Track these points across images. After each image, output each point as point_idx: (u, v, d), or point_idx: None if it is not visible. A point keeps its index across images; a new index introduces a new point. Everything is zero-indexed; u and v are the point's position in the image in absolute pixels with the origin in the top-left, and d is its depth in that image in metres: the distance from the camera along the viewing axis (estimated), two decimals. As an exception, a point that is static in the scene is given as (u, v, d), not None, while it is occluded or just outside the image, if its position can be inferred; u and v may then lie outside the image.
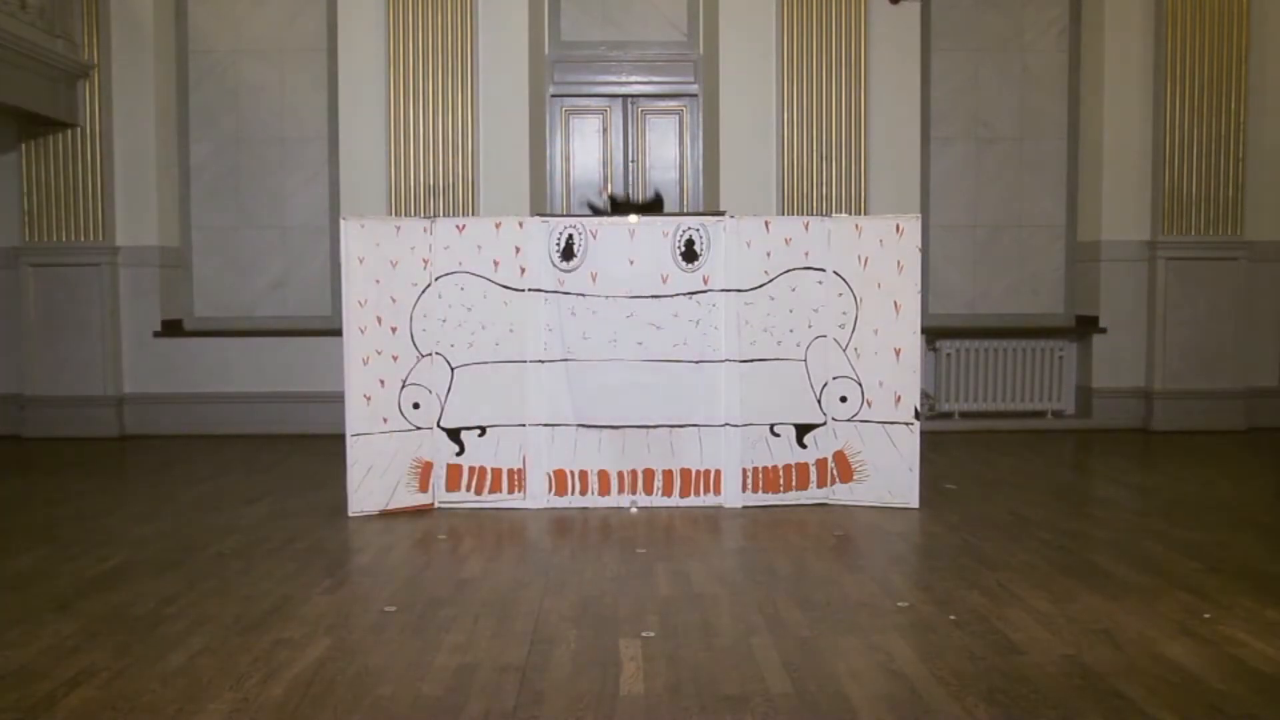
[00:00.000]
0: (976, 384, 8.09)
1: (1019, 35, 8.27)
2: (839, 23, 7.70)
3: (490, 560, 4.43)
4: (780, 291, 5.33)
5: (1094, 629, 3.44)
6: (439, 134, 7.65)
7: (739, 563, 4.39)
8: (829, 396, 5.36)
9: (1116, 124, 7.96)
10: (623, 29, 8.08)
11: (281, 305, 8.19)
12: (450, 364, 5.33)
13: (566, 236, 5.34)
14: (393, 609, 3.71)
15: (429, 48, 7.61)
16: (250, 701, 2.89)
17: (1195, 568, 4.16)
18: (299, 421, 7.78)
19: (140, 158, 7.81)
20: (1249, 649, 3.24)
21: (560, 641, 3.38)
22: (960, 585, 3.95)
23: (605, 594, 3.91)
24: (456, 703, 2.89)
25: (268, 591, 3.93)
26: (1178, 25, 7.77)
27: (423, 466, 5.31)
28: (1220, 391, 7.93)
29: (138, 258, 7.83)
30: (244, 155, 8.14)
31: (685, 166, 8.22)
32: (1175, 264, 7.89)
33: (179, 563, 4.33)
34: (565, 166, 8.16)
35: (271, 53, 8.13)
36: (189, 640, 3.38)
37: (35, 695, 2.93)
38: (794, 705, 2.86)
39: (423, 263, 5.29)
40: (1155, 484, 6.02)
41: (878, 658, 3.20)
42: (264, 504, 5.50)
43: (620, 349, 5.35)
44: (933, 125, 8.21)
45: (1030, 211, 8.35)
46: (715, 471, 5.37)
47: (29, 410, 7.75)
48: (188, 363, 7.92)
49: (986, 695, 2.91)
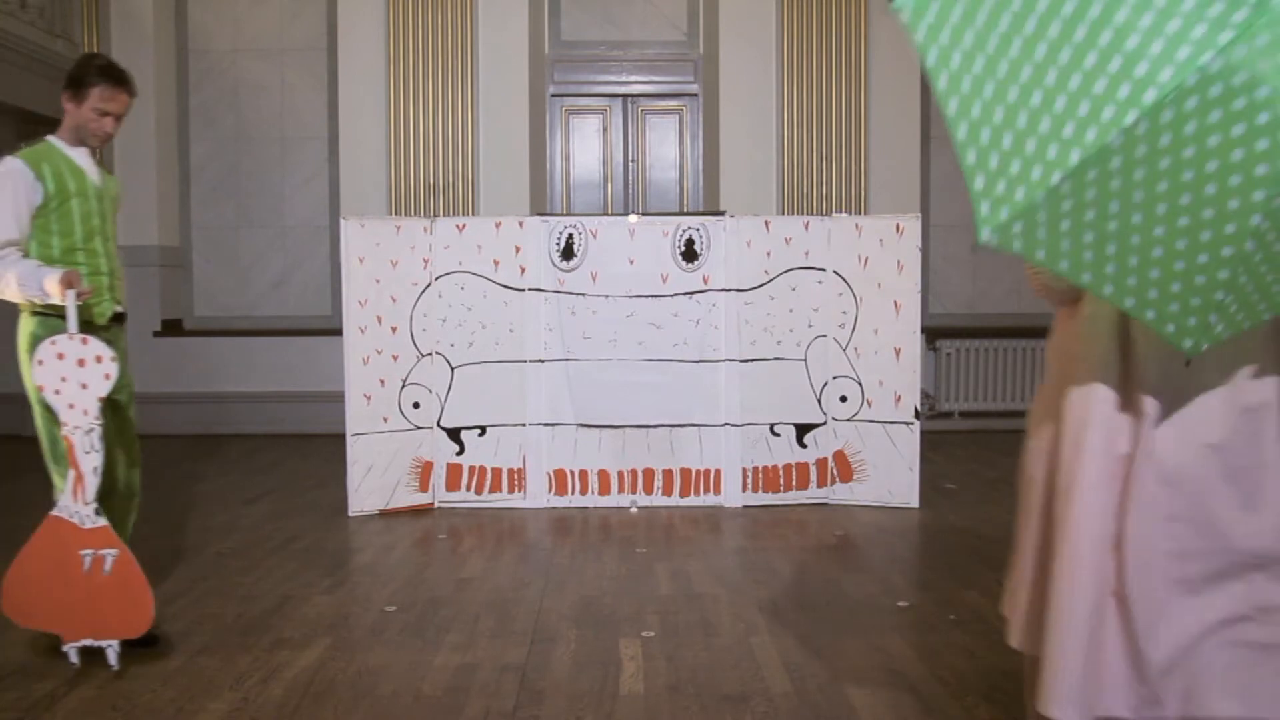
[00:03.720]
0: (976, 384, 8.09)
1: (1019, 35, 8.27)
2: (839, 23, 7.70)
3: (490, 560, 4.43)
4: (780, 291, 5.33)
5: (1094, 629, 3.44)
6: (439, 134, 7.65)
7: (739, 563, 4.40)
8: (829, 396, 5.36)
9: (1116, 124, 7.95)
10: (623, 29, 8.08)
11: (281, 305, 8.19)
12: (450, 364, 5.33)
13: (566, 236, 5.34)
14: (393, 609, 3.72)
15: (429, 48, 7.61)
16: (250, 701, 2.89)
17: (1195, 568, 4.16)
18: (299, 421, 7.78)
19: (140, 158, 7.80)
20: (1249, 649, 3.24)
21: (560, 641, 3.38)
22: (960, 585, 3.95)
23: (605, 594, 3.91)
24: (456, 703, 2.89)
25: (268, 591, 3.93)
26: (1178, 25, 7.76)
27: (423, 466, 5.31)
28: (1220, 391, 7.93)
29: (138, 257, 7.82)
30: (244, 155, 8.14)
31: (685, 166, 8.22)
32: (1175, 264, 7.88)
33: (179, 563, 4.34)
34: (565, 166, 8.16)
35: (271, 52, 8.13)
36: (189, 640, 3.38)
37: (35, 695, 2.93)
38: (794, 705, 2.86)
39: (423, 262, 5.29)
40: (1155, 484, 6.01)
41: (878, 658, 3.20)
42: (264, 504, 5.50)
43: (620, 349, 5.35)
44: (933, 125, 8.21)
45: (1030, 211, 8.34)
46: (715, 471, 5.37)
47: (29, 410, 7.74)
48: (188, 363, 7.92)
49: (986, 694, 2.91)
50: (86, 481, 3.11)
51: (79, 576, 3.09)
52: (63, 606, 3.09)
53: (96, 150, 3.42)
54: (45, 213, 3.24)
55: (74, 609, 3.08)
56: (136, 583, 3.11)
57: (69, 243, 3.29)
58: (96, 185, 3.39)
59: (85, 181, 3.34)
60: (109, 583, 3.09)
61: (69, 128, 3.34)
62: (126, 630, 3.11)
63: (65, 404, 3.11)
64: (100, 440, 3.14)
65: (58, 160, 3.29)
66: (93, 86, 3.28)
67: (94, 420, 3.12)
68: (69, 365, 3.10)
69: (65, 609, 3.09)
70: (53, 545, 3.11)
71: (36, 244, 3.25)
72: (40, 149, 3.30)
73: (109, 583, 3.09)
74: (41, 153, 3.29)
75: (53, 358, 3.10)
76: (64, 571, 3.09)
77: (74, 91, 3.29)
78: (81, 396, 3.11)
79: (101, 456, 3.14)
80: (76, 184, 3.30)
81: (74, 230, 3.30)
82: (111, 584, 3.09)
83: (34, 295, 3.15)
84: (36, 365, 3.09)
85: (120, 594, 3.09)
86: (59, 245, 3.27)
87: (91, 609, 3.08)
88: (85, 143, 3.36)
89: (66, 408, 3.12)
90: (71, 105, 3.31)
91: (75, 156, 3.34)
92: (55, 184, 3.25)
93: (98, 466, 3.13)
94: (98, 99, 3.29)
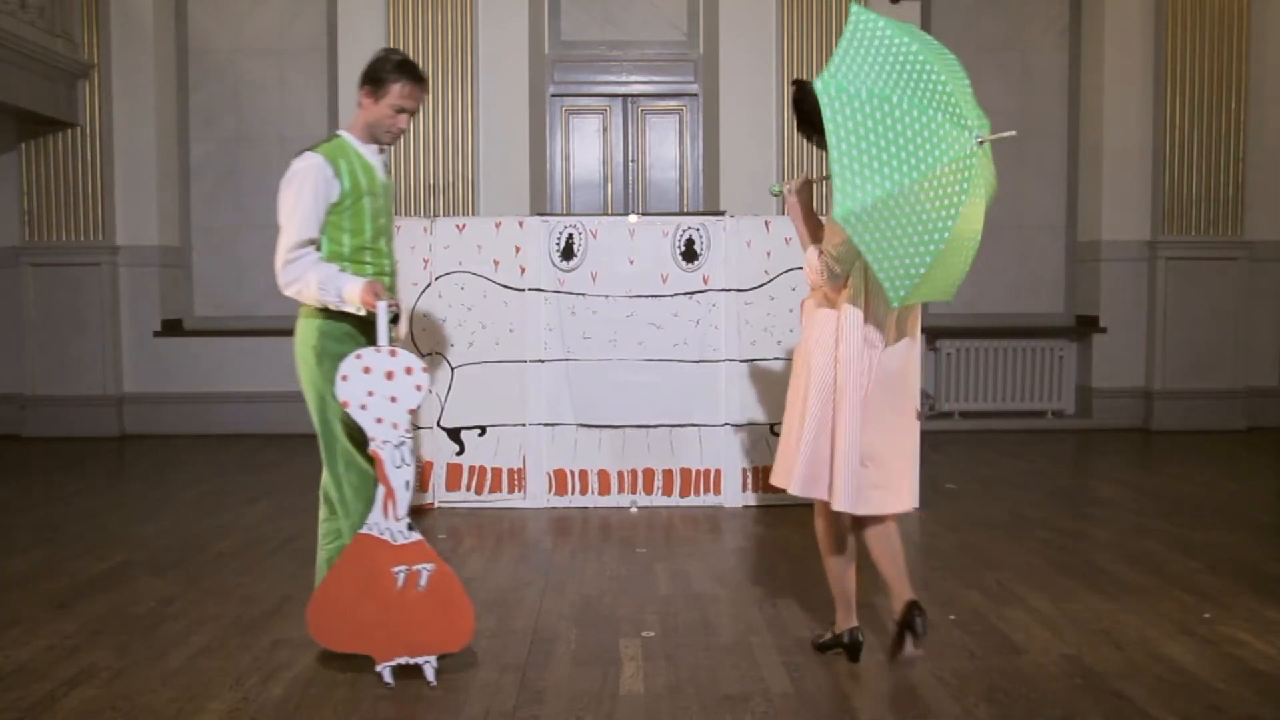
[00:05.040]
0: (976, 384, 8.09)
1: (1019, 35, 8.27)
2: (839, 23, 7.69)
3: (490, 560, 4.43)
4: (780, 291, 5.33)
5: (1094, 629, 3.44)
6: (439, 134, 7.65)
7: (739, 563, 4.39)
8: (829, 396, 5.35)
9: (1116, 124, 7.96)
10: (623, 29, 8.08)
11: (282, 305, 8.12)
12: (450, 364, 5.33)
13: (566, 236, 5.34)
14: (393, 609, 3.71)
15: (429, 48, 7.61)
16: (250, 701, 2.89)
17: (1195, 568, 4.16)
18: (299, 421, 7.67)
19: (140, 158, 7.80)
20: (1249, 649, 3.25)
21: (560, 641, 3.38)
22: (960, 585, 3.95)
23: (605, 594, 3.91)
24: (456, 703, 2.89)
25: (268, 591, 3.93)
26: (1178, 25, 7.76)
27: (423, 466, 5.31)
28: (1220, 391, 7.93)
29: (138, 257, 7.83)
30: (244, 155, 8.14)
31: (685, 166, 8.22)
32: (1175, 264, 7.88)
33: (179, 563, 4.34)
34: (565, 166, 8.16)
35: (271, 53, 8.13)
36: (189, 640, 3.38)
37: (35, 695, 2.93)
38: (794, 705, 2.86)
39: (423, 262, 5.29)
40: (1155, 484, 6.01)
41: (878, 658, 3.20)
42: (264, 504, 5.50)
43: (620, 349, 5.35)
44: (933, 125, 8.20)
45: (1030, 211, 8.34)
46: (715, 471, 5.37)
47: (29, 410, 7.75)
48: (188, 363, 7.92)
49: (986, 695, 2.91)
50: (398, 496, 2.98)
51: (391, 594, 2.97)
52: (374, 626, 2.97)
53: (385, 148, 3.32)
54: (339, 210, 3.14)
55: (387, 628, 2.97)
56: (455, 596, 2.99)
57: (359, 241, 3.20)
58: (384, 183, 3.30)
59: (375, 179, 3.24)
60: (424, 598, 2.97)
61: (363, 124, 3.22)
62: (445, 645, 3.01)
63: (372, 419, 2.98)
64: (411, 454, 3.01)
65: (352, 157, 3.18)
66: (394, 83, 3.16)
67: (404, 434, 2.99)
68: (376, 379, 2.97)
69: (377, 629, 2.97)
70: (363, 564, 2.97)
71: (328, 241, 3.15)
72: (335, 145, 3.19)
73: (424, 598, 2.97)
74: (337, 149, 3.18)
75: (358, 372, 2.97)
76: (375, 590, 2.97)
77: (373, 88, 3.17)
78: (390, 410, 2.98)
79: (413, 470, 3.02)
80: (368, 182, 3.20)
81: (365, 229, 3.20)
82: (427, 599, 2.98)
83: (331, 301, 3.08)
84: (340, 381, 2.97)
85: (437, 608, 2.98)
86: (350, 244, 3.18)
87: (406, 626, 2.97)
88: (377, 140, 3.24)
89: (374, 422, 2.98)
90: (369, 101, 3.19)
91: (366, 153, 3.23)
92: (350, 181, 3.14)
93: (410, 481, 3.00)
94: (398, 96, 3.16)
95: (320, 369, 3.14)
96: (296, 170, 3.12)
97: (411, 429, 3.03)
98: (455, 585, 3.01)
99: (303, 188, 3.09)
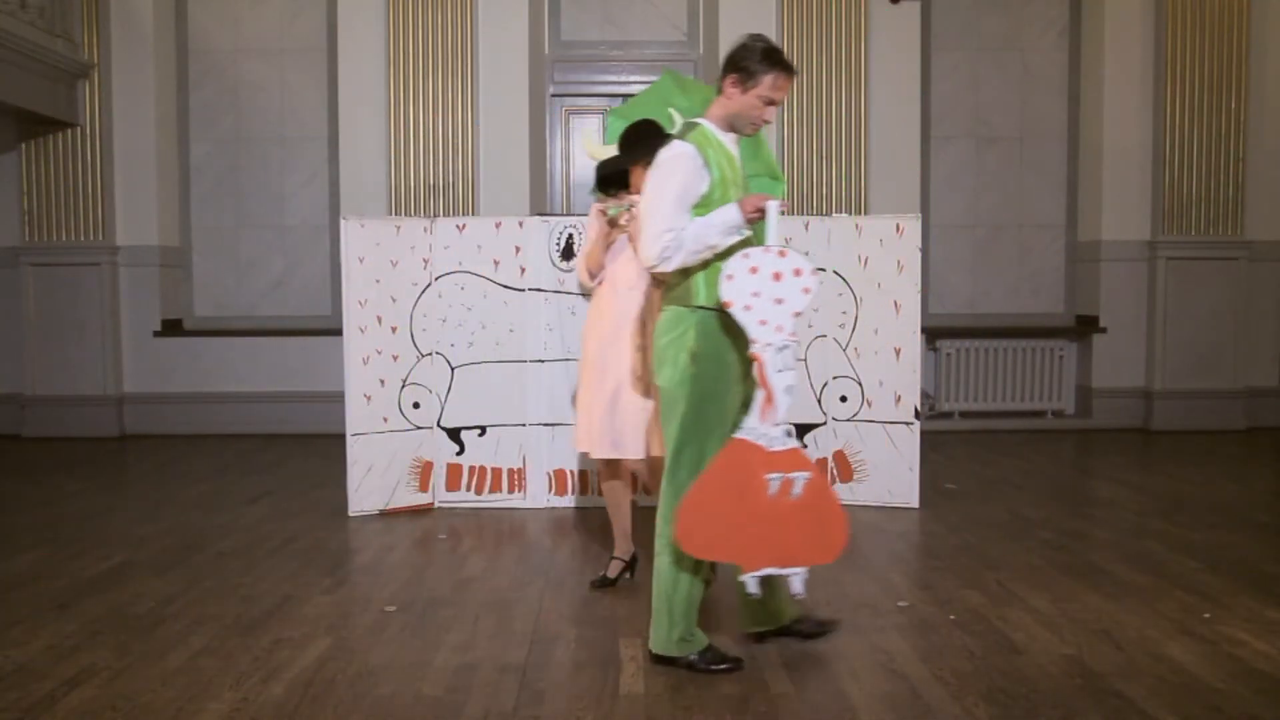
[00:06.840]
0: (976, 384, 8.09)
1: (1019, 35, 8.27)
2: (839, 23, 7.70)
3: (490, 560, 4.43)
4: (780, 291, 5.32)
5: (1094, 629, 3.44)
6: (439, 134, 7.64)
7: (739, 563, 4.39)
8: (829, 396, 5.36)
9: (1116, 124, 7.95)
10: (622, 29, 8.08)
11: (281, 305, 8.19)
12: (450, 363, 5.33)
13: (566, 236, 5.34)
14: (393, 609, 3.72)
15: (429, 48, 7.61)
16: (250, 701, 2.89)
17: (1195, 568, 4.16)
18: (299, 421, 7.78)
19: (140, 158, 7.80)
20: (1249, 649, 3.25)
21: (560, 641, 3.38)
22: (960, 585, 3.95)
23: (605, 594, 3.91)
24: (456, 703, 2.89)
25: (268, 591, 3.93)
26: (1178, 25, 7.76)
27: (423, 466, 5.31)
28: (1220, 391, 7.93)
29: (138, 257, 7.83)
30: (244, 155, 8.14)
31: (685, 166, 8.21)
32: (1175, 264, 7.88)
33: (179, 563, 4.34)
34: (565, 166, 8.16)
35: (271, 52, 8.13)
36: (189, 640, 3.38)
37: (35, 695, 2.93)
38: (794, 705, 2.86)
39: (423, 262, 5.29)
40: (1155, 484, 6.01)
41: (878, 658, 3.20)
42: (264, 504, 5.50)
43: (620, 349, 5.34)
44: (933, 125, 8.21)
45: (1030, 211, 8.34)
46: (715, 471, 5.36)
47: (29, 410, 7.75)
48: (188, 363, 7.92)
49: (986, 695, 2.91)
50: (777, 401, 2.87)
51: (763, 502, 2.86)
52: (744, 534, 2.86)
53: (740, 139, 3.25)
54: (708, 203, 3.05)
55: (757, 536, 2.86)
56: (829, 506, 2.90)
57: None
58: (742, 174, 3.22)
59: (737, 170, 3.16)
60: (797, 506, 2.86)
61: (725, 114, 3.14)
62: (816, 557, 2.92)
63: (756, 320, 2.89)
64: (794, 358, 2.94)
65: (716, 147, 3.11)
66: (765, 74, 3.07)
67: (788, 337, 2.90)
68: (763, 279, 2.89)
69: (746, 537, 2.86)
70: (735, 470, 2.87)
71: None
72: (700, 134, 3.11)
73: (797, 506, 2.86)
74: (703, 138, 3.10)
75: (744, 272, 2.88)
76: (746, 497, 2.86)
77: (741, 77, 3.09)
78: (775, 312, 2.89)
79: (795, 375, 2.95)
80: (732, 172, 3.13)
81: None
82: (800, 508, 2.87)
83: (716, 238, 2.98)
84: (725, 280, 2.90)
85: (810, 518, 2.88)
86: None
87: (777, 535, 2.87)
88: (738, 130, 3.17)
89: (757, 324, 2.90)
90: (735, 90, 3.10)
91: (726, 142, 3.16)
92: (719, 172, 3.08)
93: (791, 385, 2.93)
94: (768, 87, 3.08)
95: (695, 368, 3.02)
96: (665, 158, 3.07)
97: (795, 333, 2.96)
98: (830, 496, 2.93)
99: (672, 176, 3.03)
